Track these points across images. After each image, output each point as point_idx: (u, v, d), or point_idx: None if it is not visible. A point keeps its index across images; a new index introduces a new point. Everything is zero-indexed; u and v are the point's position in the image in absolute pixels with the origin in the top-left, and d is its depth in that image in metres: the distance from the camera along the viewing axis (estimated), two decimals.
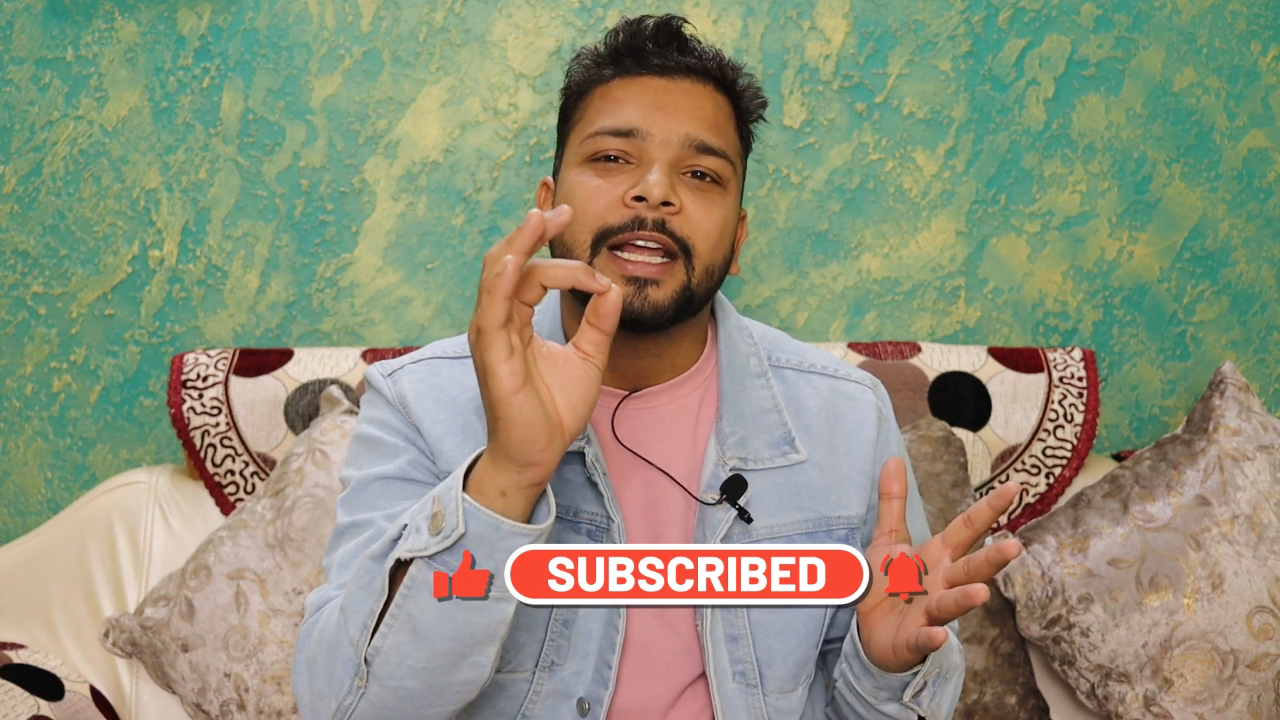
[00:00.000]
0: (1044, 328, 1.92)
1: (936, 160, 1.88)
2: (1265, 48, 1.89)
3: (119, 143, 1.84)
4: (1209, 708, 1.57)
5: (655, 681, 1.19)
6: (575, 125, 1.20)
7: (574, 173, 1.16)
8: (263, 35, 1.83)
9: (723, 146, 1.16)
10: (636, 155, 1.14)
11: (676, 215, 1.12)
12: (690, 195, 1.14)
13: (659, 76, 1.17)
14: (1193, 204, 1.91)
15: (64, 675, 1.56)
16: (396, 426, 1.20)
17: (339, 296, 1.87)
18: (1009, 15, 1.86)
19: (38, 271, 1.87)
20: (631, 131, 1.14)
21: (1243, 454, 1.64)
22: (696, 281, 1.14)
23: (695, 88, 1.17)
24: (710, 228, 1.14)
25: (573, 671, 1.18)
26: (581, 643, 1.18)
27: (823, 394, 1.26)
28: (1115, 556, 1.60)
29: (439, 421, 1.19)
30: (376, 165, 1.85)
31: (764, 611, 1.19)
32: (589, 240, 1.13)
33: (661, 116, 1.14)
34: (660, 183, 1.11)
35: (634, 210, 1.12)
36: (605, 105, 1.17)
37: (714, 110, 1.17)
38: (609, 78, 1.18)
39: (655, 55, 1.17)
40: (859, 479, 1.24)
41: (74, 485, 1.90)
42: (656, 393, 1.21)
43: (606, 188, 1.13)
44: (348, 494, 1.20)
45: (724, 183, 1.16)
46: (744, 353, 1.24)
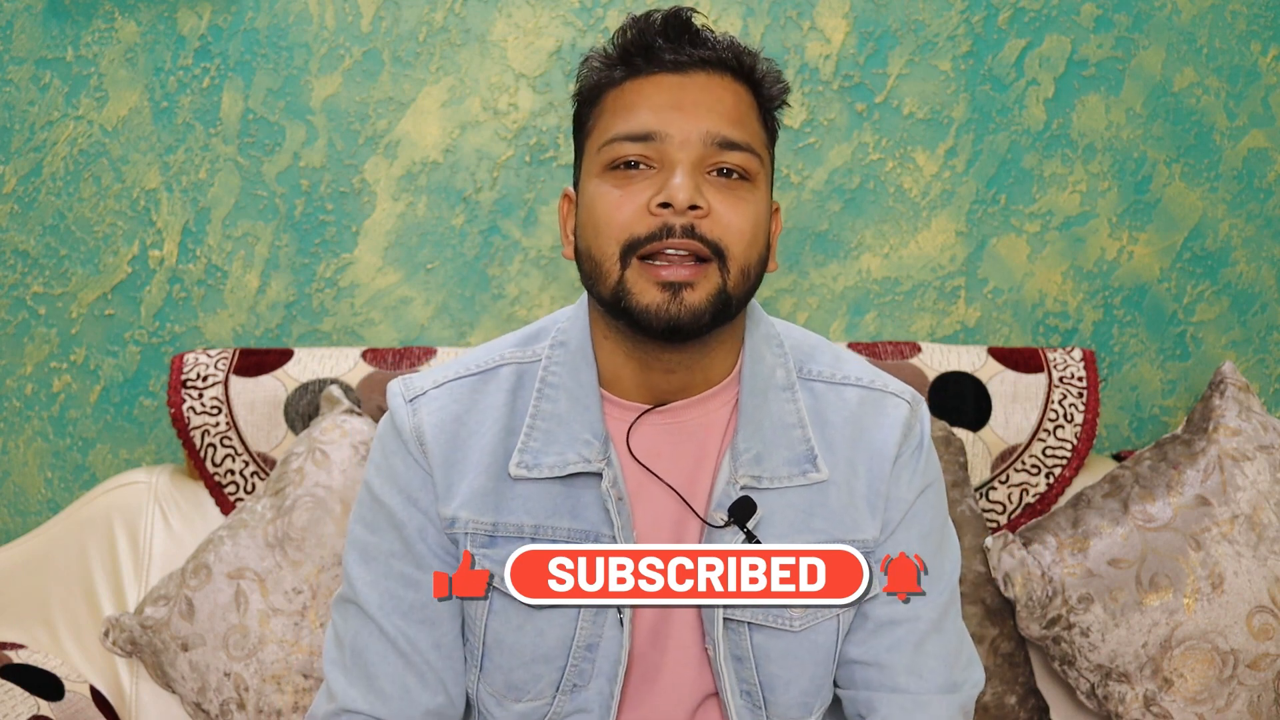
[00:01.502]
0: (1044, 328, 1.92)
1: (936, 160, 1.88)
2: (1265, 48, 1.89)
3: (119, 143, 1.84)
4: (1209, 708, 1.57)
5: (664, 701, 1.18)
6: (591, 132, 1.15)
7: (594, 184, 1.12)
8: (263, 35, 1.83)
9: (747, 139, 1.11)
10: (657, 159, 1.10)
11: (705, 218, 1.08)
12: (718, 195, 1.09)
13: (672, 73, 1.11)
14: (1193, 204, 1.91)
15: (64, 675, 1.56)
16: (408, 484, 1.18)
17: (339, 296, 1.87)
18: (1009, 15, 1.86)
19: (38, 271, 1.87)
20: (649, 135, 1.09)
21: (1243, 454, 1.64)
22: (733, 284, 1.09)
23: (712, 81, 1.12)
24: (742, 227, 1.09)
25: (596, 691, 1.16)
26: (606, 664, 1.16)
27: (851, 406, 1.20)
28: (1115, 556, 1.60)
29: (455, 464, 1.17)
30: (376, 165, 1.85)
31: (766, 636, 1.16)
32: (617, 253, 1.09)
33: (679, 116, 1.09)
34: (685, 186, 1.07)
35: (661, 218, 1.07)
36: (619, 109, 1.12)
37: (734, 102, 1.12)
38: (620, 80, 1.13)
39: (667, 51, 1.11)
40: (874, 499, 1.17)
41: (74, 485, 1.90)
42: (683, 407, 1.17)
43: (629, 197, 1.09)
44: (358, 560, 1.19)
45: (752, 177, 1.11)
46: (770, 364, 1.19)
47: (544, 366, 1.18)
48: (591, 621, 1.15)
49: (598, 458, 1.14)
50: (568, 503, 1.15)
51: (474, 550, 1.15)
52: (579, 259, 1.14)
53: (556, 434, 1.15)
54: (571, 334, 1.19)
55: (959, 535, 1.64)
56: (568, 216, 1.19)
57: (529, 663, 1.16)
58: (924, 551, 1.18)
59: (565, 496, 1.15)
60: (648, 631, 1.17)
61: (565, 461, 1.14)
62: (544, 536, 1.14)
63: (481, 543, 1.15)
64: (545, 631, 1.15)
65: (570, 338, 1.18)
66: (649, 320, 1.08)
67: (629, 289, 1.08)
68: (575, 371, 1.17)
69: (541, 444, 1.15)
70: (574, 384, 1.16)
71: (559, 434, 1.15)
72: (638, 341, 1.13)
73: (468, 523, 1.15)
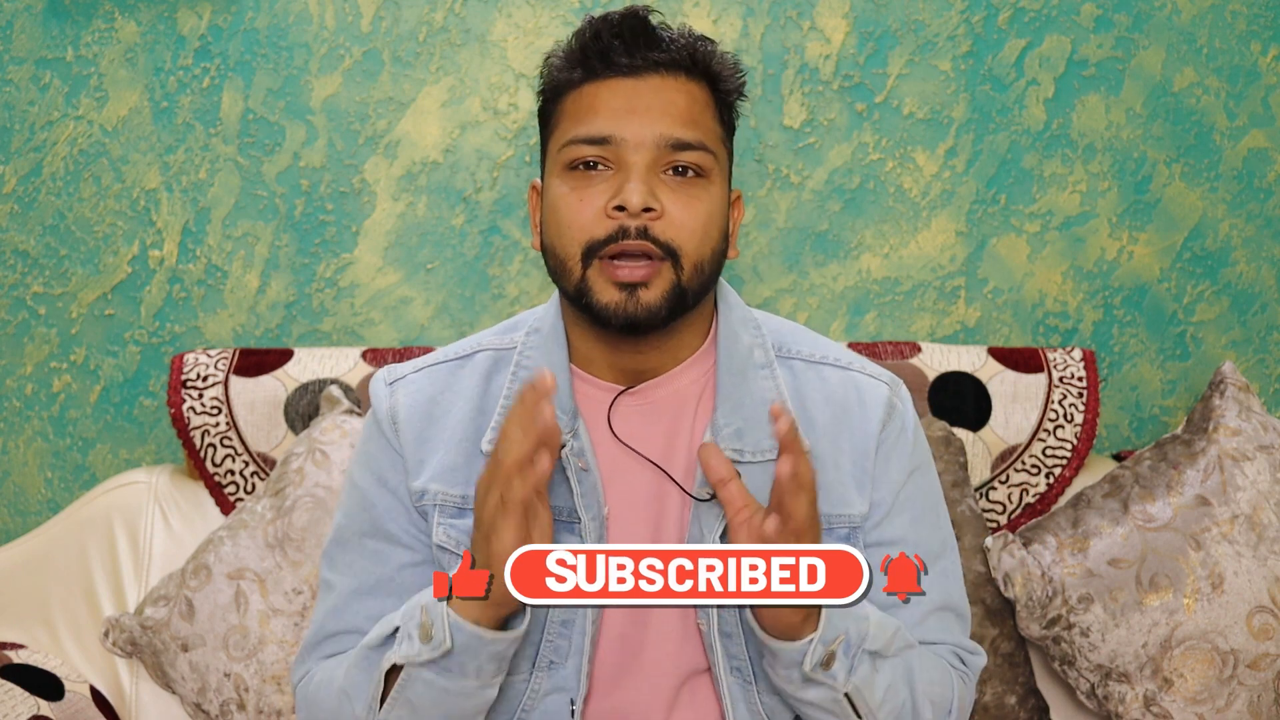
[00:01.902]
0: (1044, 328, 1.92)
1: (936, 160, 1.88)
2: (1265, 48, 1.89)
3: (119, 143, 1.84)
4: (1209, 708, 1.57)
5: (645, 680, 1.19)
6: (553, 130, 1.20)
7: (556, 182, 1.17)
8: (263, 35, 1.83)
9: (699, 138, 1.15)
10: (614, 160, 1.14)
11: (659, 220, 1.13)
12: (671, 196, 1.14)
13: (627, 77, 1.16)
14: (1193, 204, 1.91)
15: (64, 675, 1.56)
16: (380, 466, 1.24)
17: (339, 296, 1.87)
18: (1009, 15, 1.86)
19: (38, 271, 1.87)
20: (605, 139, 1.14)
21: (1243, 454, 1.64)
22: (687, 279, 1.14)
23: (665, 83, 1.16)
24: (694, 226, 1.14)
25: (574, 669, 1.18)
26: (581, 640, 1.18)
27: (832, 385, 1.24)
28: (1115, 556, 1.60)
29: (427, 440, 1.22)
30: (376, 165, 1.85)
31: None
32: (579, 254, 1.15)
33: (632, 119, 1.14)
34: (637, 189, 1.12)
35: (617, 220, 1.13)
36: (578, 111, 1.17)
37: (688, 103, 1.16)
38: (579, 82, 1.18)
39: (621, 54, 1.15)
40: (860, 476, 1.21)
41: (74, 485, 1.90)
42: (653, 387, 1.21)
43: (589, 200, 1.14)
44: (334, 542, 1.26)
45: (706, 173, 1.16)
46: (747, 344, 1.23)
47: (519, 352, 1.24)
48: None
49: (565, 430, 1.18)
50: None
51: (442, 521, 1.20)
52: (545, 254, 1.20)
53: None
54: (545, 320, 1.25)
55: (959, 535, 1.64)
56: (535, 208, 1.24)
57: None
58: (920, 533, 1.22)
59: None
60: (626, 610, 1.19)
61: None
62: None
63: (450, 514, 1.20)
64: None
65: (544, 324, 1.24)
66: (608, 317, 1.14)
67: (590, 287, 1.15)
68: (548, 353, 1.22)
69: None
70: (546, 363, 1.21)
71: None
72: (602, 331, 1.18)
73: (437, 494, 1.21)
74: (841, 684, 1.09)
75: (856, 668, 1.10)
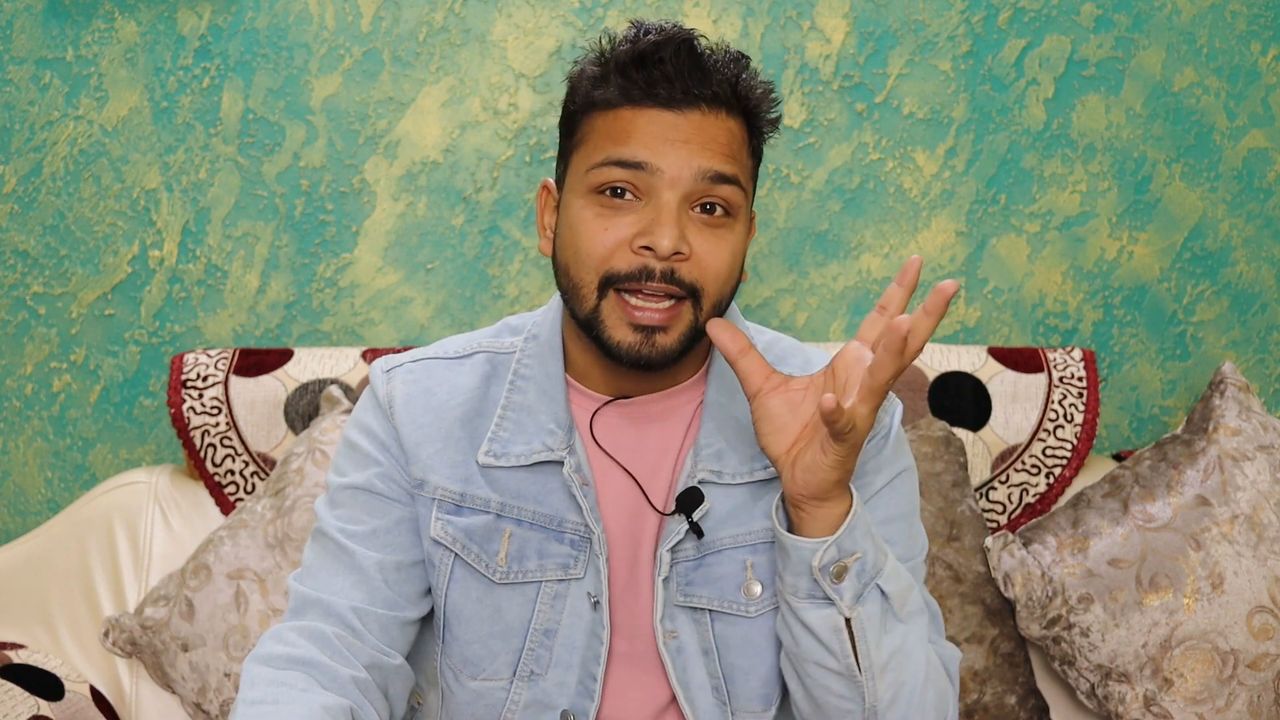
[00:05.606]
0: (1044, 328, 1.92)
1: (936, 160, 1.88)
2: (1265, 48, 1.89)
3: (119, 143, 1.84)
4: (1209, 708, 1.57)
5: (641, 693, 1.19)
6: (579, 144, 1.14)
7: (579, 202, 1.12)
8: (263, 35, 1.83)
9: (735, 172, 1.11)
10: (645, 189, 1.09)
11: (686, 261, 1.09)
12: (699, 236, 1.10)
13: (667, 110, 1.10)
14: (1193, 204, 1.91)
15: (64, 675, 1.56)
16: (376, 433, 1.22)
17: (339, 296, 1.87)
18: (1009, 15, 1.86)
19: (38, 271, 1.87)
20: (640, 165, 1.08)
21: (1243, 454, 1.64)
22: (704, 318, 1.11)
23: (708, 119, 1.10)
24: (719, 268, 1.11)
25: (555, 682, 1.18)
26: (564, 653, 1.18)
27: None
28: (1115, 556, 1.60)
29: (421, 427, 1.20)
30: (376, 165, 1.85)
31: (726, 624, 1.18)
32: (595, 282, 1.10)
33: (671, 151, 1.08)
34: (669, 233, 1.07)
35: (642, 259, 1.08)
36: (612, 132, 1.10)
37: (728, 139, 1.11)
38: (615, 103, 1.11)
39: (663, 86, 1.09)
40: None
41: (74, 485, 1.90)
42: (647, 400, 1.19)
43: (613, 230, 1.09)
44: (325, 496, 1.24)
45: (734, 210, 1.11)
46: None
47: (517, 359, 1.22)
48: (550, 605, 1.18)
49: (561, 446, 1.17)
50: (533, 488, 1.18)
51: (440, 516, 1.19)
52: (557, 270, 1.16)
53: (525, 424, 1.19)
54: (544, 327, 1.22)
55: (959, 535, 1.64)
56: (545, 209, 1.20)
57: (485, 638, 1.18)
58: (890, 532, 1.19)
59: (531, 482, 1.18)
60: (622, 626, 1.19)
61: (531, 451, 1.18)
62: (509, 515, 1.18)
63: (448, 510, 1.19)
64: (503, 609, 1.18)
65: (542, 331, 1.22)
66: (619, 356, 1.11)
67: (603, 320, 1.11)
68: (544, 363, 1.20)
69: (510, 434, 1.19)
70: (542, 375, 1.20)
71: (527, 424, 1.19)
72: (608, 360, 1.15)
73: (436, 488, 1.19)
74: (847, 605, 1.06)
75: (866, 598, 1.07)
